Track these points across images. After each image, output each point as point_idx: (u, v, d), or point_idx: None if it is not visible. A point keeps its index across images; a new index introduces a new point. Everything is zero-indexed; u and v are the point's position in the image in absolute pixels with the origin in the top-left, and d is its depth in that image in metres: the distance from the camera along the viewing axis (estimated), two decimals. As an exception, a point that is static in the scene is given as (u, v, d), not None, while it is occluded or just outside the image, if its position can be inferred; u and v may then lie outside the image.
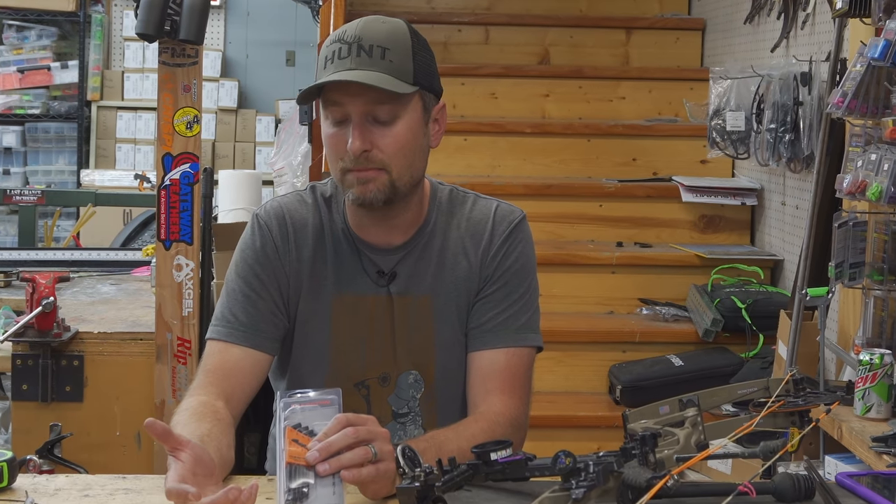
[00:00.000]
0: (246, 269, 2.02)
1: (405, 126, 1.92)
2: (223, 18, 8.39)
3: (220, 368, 1.96)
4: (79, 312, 3.49)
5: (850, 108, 2.89)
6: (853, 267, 2.95)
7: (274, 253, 2.02)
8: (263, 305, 2.00)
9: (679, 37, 5.37)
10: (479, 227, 2.06)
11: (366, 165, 1.90)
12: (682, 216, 4.62)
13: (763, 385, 1.80)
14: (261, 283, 2.00)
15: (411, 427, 2.05)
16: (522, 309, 2.04)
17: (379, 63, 1.88)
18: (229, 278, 2.04)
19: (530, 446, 1.82)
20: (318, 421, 1.60)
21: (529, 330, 2.04)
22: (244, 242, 2.05)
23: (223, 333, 1.99)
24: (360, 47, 1.88)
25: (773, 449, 1.60)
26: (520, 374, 2.02)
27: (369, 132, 1.89)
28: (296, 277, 2.02)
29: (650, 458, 1.55)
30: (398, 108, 1.90)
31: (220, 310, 2.01)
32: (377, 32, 1.90)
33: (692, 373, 3.92)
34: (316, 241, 2.03)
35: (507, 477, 1.61)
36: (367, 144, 1.89)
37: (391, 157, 1.91)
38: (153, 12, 2.94)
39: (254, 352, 1.98)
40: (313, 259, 2.02)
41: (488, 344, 2.02)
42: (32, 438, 2.98)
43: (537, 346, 2.06)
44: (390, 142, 1.90)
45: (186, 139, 3.08)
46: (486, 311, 2.03)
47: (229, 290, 2.02)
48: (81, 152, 7.90)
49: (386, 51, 1.89)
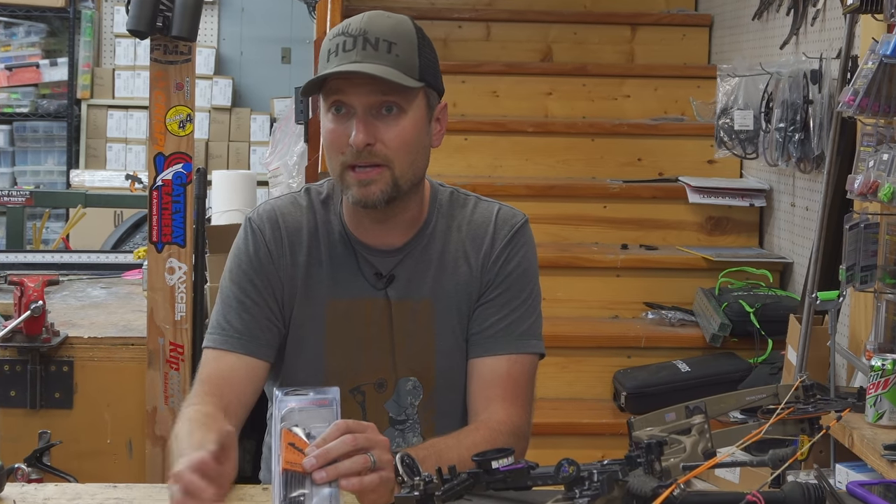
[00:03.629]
0: (240, 275, 2.02)
1: (410, 122, 1.92)
2: (217, 14, 8.39)
3: (216, 378, 1.96)
4: (68, 317, 3.49)
5: (862, 107, 2.89)
6: (864, 270, 2.95)
7: (267, 258, 2.02)
8: (258, 312, 2.00)
9: (686, 33, 5.37)
10: (480, 230, 2.06)
11: (368, 160, 1.91)
12: (689, 218, 4.62)
13: (772, 391, 1.80)
14: (255, 289, 2.01)
15: (410, 435, 2.05)
16: (524, 315, 2.04)
17: (385, 56, 1.89)
18: (223, 285, 2.04)
19: (532, 454, 1.82)
20: (316, 423, 1.60)
21: (532, 336, 2.05)
22: (237, 248, 2.05)
23: (218, 341, 1.99)
24: (367, 40, 1.89)
25: (783, 457, 1.60)
26: (522, 382, 2.02)
27: (373, 126, 1.90)
28: (290, 282, 2.02)
29: (656, 467, 1.55)
30: (403, 103, 1.91)
31: (215, 317, 2.02)
32: (383, 26, 1.92)
33: (699, 379, 3.92)
34: (310, 244, 2.03)
35: (508, 486, 1.61)
36: (370, 138, 1.89)
37: (395, 153, 1.91)
38: (145, 8, 2.94)
39: (249, 359, 1.98)
40: (308, 263, 2.03)
41: (489, 350, 2.02)
42: (20, 446, 2.98)
43: (539, 353, 2.06)
44: (394, 136, 1.91)
45: (179, 139, 3.09)
46: (488, 317, 2.03)
47: (224, 297, 2.03)
48: (71, 152, 7.89)
49: (392, 45, 1.90)
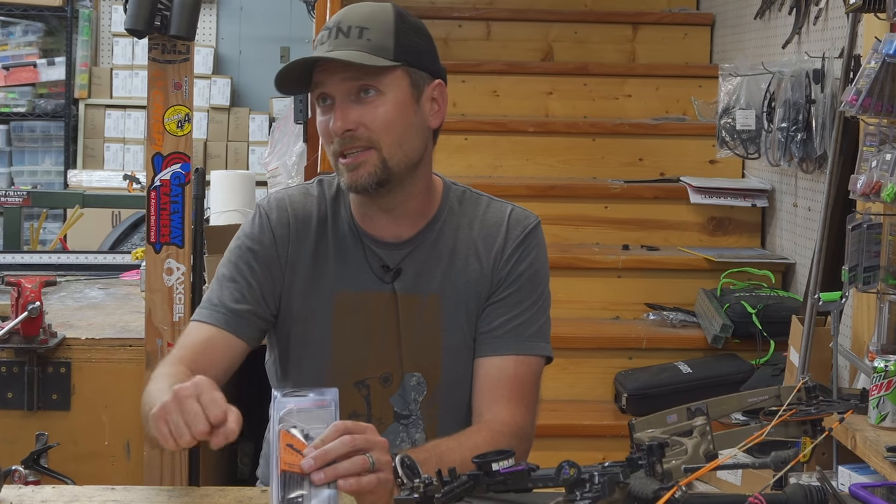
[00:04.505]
0: (238, 256, 2.05)
1: (390, 102, 1.95)
2: (215, 13, 8.39)
3: (191, 345, 1.99)
4: (66, 318, 3.49)
5: (865, 107, 2.89)
6: (867, 271, 2.95)
7: (271, 244, 2.04)
8: (250, 294, 2.02)
9: (687, 32, 5.37)
10: (492, 229, 2.07)
11: (353, 144, 1.94)
12: (691, 218, 4.62)
13: (774, 393, 1.80)
14: (251, 272, 2.03)
15: (414, 430, 2.05)
16: (534, 317, 2.05)
17: (356, 42, 1.93)
18: (222, 262, 2.07)
19: (533, 456, 1.82)
20: (315, 424, 1.60)
21: (540, 339, 2.05)
22: (243, 229, 2.08)
23: (204, 315, 2.02)
24: (339, 30, 1.95)
25: (785, 459, 1.60)
26: (528, 384, 2.03)
27: (352, 110, 1.94)
28: (292, 271, 2.04)
29: (657, 469, 1.55)
30: (378, 84, 1.94)
31: (207, 294, 2.06)
32: (357, 14, 1.97)
33: (701, 380, 3.92)
34: (318, 234, 2.05)
35: (509, 488, 1.61)
36: (349, 123, 1.93)
37: (378, 134, 1.94)
38: (143, 7, 2.94)
39: (228, 335, 2.00)
40: (314, 253, 2.04)
41: (497, 350, 2.03)
42: (17, 448, 2.97)
43: (547, 355, 2.07)
44: (374, 117, 1.94)
45: (177, 138, 3.08)
46: (497, 317, 2.04)
47: (219, 275, 2.06)
48: (68, 152, 7.89)
49: (364, 30, 1.94)
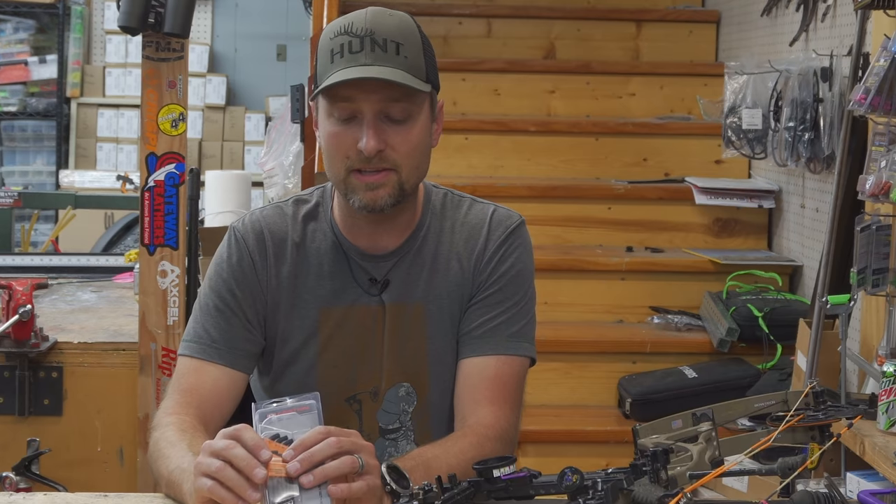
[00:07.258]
0: (220, 284, 2.02)
1: (419, 125, 1.93)
2: (210, 10, 8.40)
3: (196, 389, 1.96)
4: (57, 321, 3.50)
5: (873, 106, 2.89)
6: (876, 273, 2.95)
7: (251, 268, 2.02)
8: (237, 322, 2.00)
9: (692, 30, 5.38)
10: (474, 231, 2.06)
11: (378, 165, 1.91)
12: (696, 219, 4.62)
13: (781, 398, 1.80)
14: (235, 299, 2.01)
15: (403, 443, 2.04)
16: (516, 317, 2.03)
17: (395, 59, 1.88)
18: (203, 292, 2.04)
19: (534, 462, 1.82)
20: (297, 429, 1.60)
21: (523, 339, 2.04)
22: (219, 256, 2.05)
23: (197, 350, 1.99)
24: (374, 41, 1.88)
25: (792, 465, 1.60)
26: (511, 385, 2.01)
27: (383, 131, 1.90)
28: (274, 294, 2.02)
29: (662, 476, 1.56)
30: (412, 107, 1.91)
31: (192, 325, 2.02)
32: (388, 26, 1.90)
33: (706, 385, 3.93)
34: (297, 255, 2.03)
35: (510, 495, 1.61)
36: (381, 144, 1.89)
37: (403, 158, 1.92)
38: (136, 4, 2.94)
39: (230, 370, 1.98)
40: (294, 274, 2.02)
41: (477, 350, 2.01)
42: (9, 454, 2.98)
43: (530, 356, 2.06)
44: (403, 141, 1.91)
45: (171, 138, 3.09)
46: (478, 317, 2.02)
47: (202, 305, 2.02)
48: (60, 152, 7.91)
49: (400, 46, 1.89)
